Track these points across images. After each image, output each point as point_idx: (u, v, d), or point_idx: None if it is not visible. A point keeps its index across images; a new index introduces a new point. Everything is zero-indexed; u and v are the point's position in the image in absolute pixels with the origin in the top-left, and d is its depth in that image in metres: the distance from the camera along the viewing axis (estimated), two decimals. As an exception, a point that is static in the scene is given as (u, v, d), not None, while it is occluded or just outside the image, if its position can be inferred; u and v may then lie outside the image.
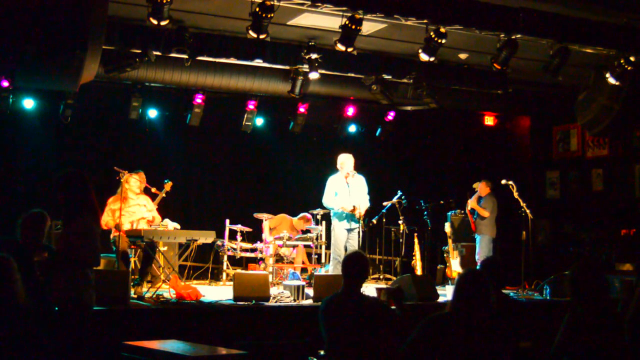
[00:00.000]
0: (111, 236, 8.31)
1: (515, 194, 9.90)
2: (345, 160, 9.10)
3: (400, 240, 10.68)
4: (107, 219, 8.25)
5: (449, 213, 11.17)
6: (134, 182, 8.61)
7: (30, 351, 3.81)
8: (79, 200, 4.75)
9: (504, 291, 5.61)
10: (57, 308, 4.67)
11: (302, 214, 10.25)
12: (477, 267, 9.45)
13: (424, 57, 8.21)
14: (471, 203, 10.45)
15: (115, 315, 6.39)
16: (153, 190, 9.11)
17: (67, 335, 4.56)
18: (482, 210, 10.31)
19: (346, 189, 8.99)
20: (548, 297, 8.79)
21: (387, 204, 10.35)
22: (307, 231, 9.92)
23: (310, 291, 7.77)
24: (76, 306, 4.63)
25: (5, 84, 9.20)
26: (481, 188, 10.51)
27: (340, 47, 7.98)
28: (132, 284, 7.44)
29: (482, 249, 10.26)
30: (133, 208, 8.59)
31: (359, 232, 8.89)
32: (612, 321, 4.25)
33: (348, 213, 8.90)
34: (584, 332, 4.16)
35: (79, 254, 4.66)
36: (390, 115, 11.83)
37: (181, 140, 11.25)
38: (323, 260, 10.19)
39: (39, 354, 3.86)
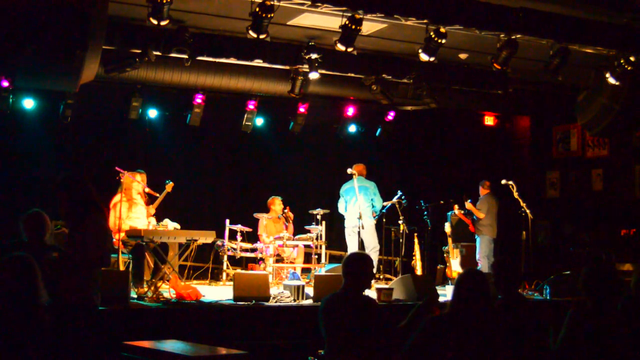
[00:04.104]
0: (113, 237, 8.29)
1: (515, 194, 9.90)
2: None
3: (400, 240, 10.67)
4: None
5: (449, 213, 11.16)
6: (138, 182, 8.60)
7: (48, 348, 3.83)
8: (85, 201, 4.75)
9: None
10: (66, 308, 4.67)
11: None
12: (478, 267, 9.47)
13: (424, 57, 8.20)
14: (468, 204, 10.45)
15: (115, 315, 6.39)
16: (153, 193, 9.11)
17: (74, 335, 4.57)
18: (477, 211, 10.32)
19: None
20: (548, 297, 8.78)
21: (387, 204, 10.34)
22: (307, 231, 9.93)
23: (310, 291, 7.78)
24: (85, 307, 4.64)
25: (5, 84, 9.19)
26: (480, 189, 10.52)
27: (340, 47, 7.98)
28: (131, 283, 7.43)
29: (483, 250, 10.26)
30: (140, 212, 8.55)
31: None
32: (615, 320, 4.26)
33: None
34: (587, 330, 4.16)
35: (94, 254, 4.66)
36: (390, 115, 11.82)
37: (181, 140, 11.24)
38: (323, 260, 10.19)
39: (52, 351, 3.88)
